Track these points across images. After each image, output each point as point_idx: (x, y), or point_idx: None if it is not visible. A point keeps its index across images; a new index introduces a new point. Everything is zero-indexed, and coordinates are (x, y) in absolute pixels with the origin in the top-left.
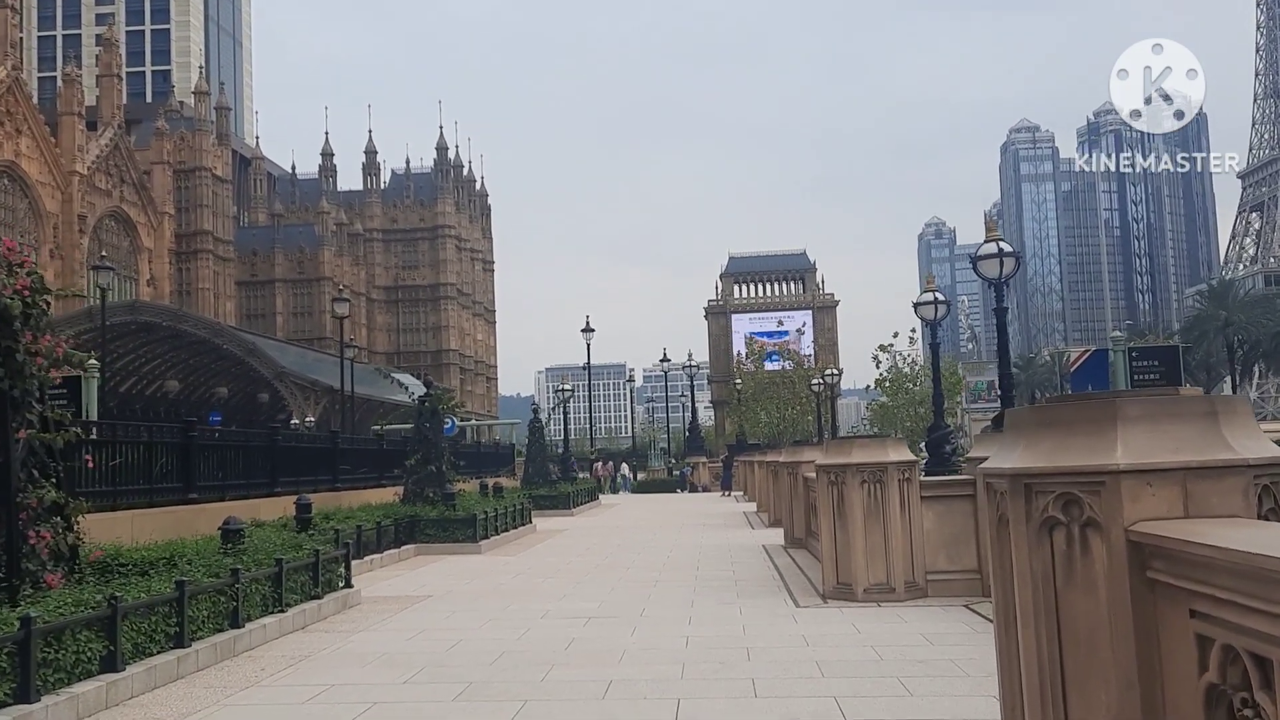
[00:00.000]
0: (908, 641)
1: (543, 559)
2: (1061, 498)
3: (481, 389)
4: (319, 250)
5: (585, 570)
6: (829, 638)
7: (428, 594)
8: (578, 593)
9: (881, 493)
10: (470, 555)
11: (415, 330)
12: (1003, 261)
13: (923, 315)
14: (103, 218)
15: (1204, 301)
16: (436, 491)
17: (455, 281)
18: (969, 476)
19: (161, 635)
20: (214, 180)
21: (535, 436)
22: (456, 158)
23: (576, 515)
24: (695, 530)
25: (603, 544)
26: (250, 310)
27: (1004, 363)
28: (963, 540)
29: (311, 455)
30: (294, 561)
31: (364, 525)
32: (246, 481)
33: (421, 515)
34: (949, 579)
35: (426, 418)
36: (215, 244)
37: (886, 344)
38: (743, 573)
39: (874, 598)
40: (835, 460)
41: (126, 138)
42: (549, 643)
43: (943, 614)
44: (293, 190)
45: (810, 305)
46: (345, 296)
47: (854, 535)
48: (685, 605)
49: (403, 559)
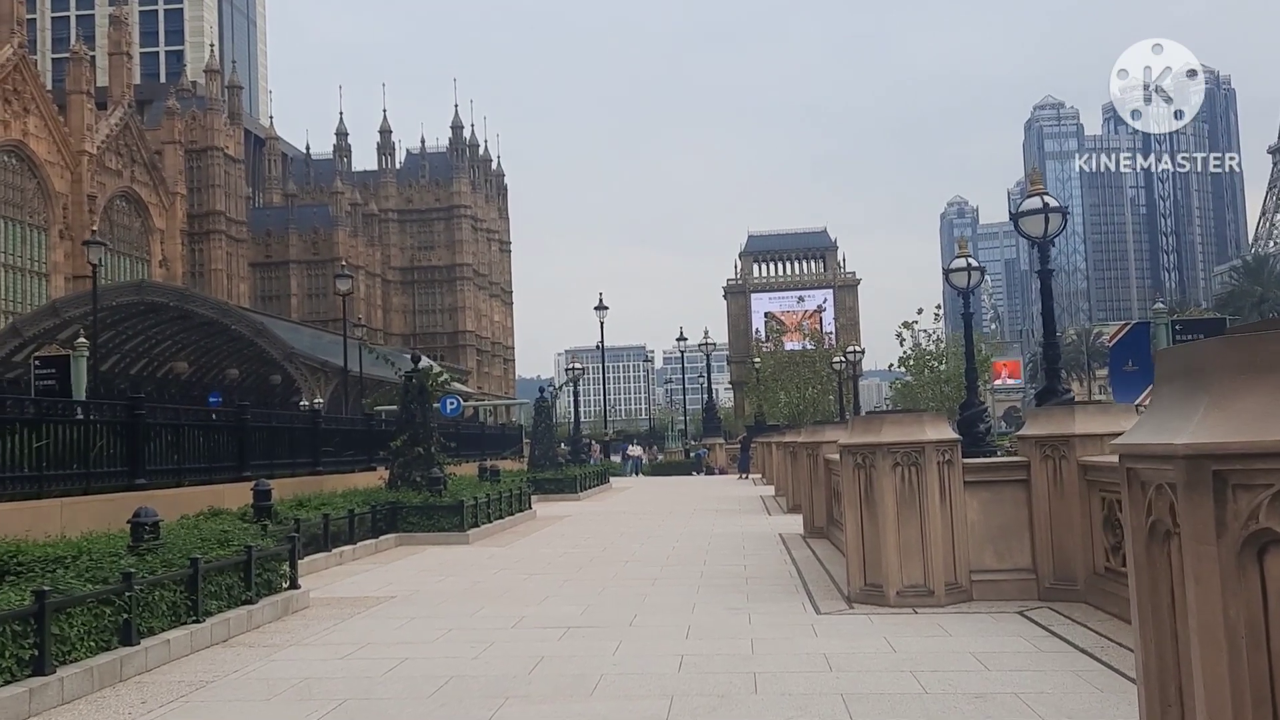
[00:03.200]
0: (956, 665)
1: (535, 550)
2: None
3: (499, 371)
4: (333, 231)
5: (578, 564)
6: (857, 658)
7: (391, 594)
8: (562, 593)
9: (918, 477)
10: (456, 546)
11: (431, 312)
12: (1048, 218)
13: (955, 283)
14: (113, 198)
15: (1239, 277)
16: (423, 476)
17: (471, 262)
18: (1021, 458)
19: (11, 661)
20: (226, 160)
21: (542, 417)
22: (472, 137)
23: (583, 500)
24: (707, 517)
25: (604, 532)
26: (265, 292)
27: (1049, 330)
28: (1013, 533)
29: (290, 436)
30: (217, 561)
31: (332, 514)
32: (209, 465)
33: (404, 502)
34: (997, 579)
35: (413, 396)
36: (228, 224)
37: (911, 320)
38: (755, 568)
39: (909, 602)
40: (862, 439)
41: (137, 117)
42: (511, 663)
43: (993, 624)
44: (307, 170)
45: (831, 284)
46: (348, 273)
47: (885, 528)
48: (685, 611)
49: (380, 551)
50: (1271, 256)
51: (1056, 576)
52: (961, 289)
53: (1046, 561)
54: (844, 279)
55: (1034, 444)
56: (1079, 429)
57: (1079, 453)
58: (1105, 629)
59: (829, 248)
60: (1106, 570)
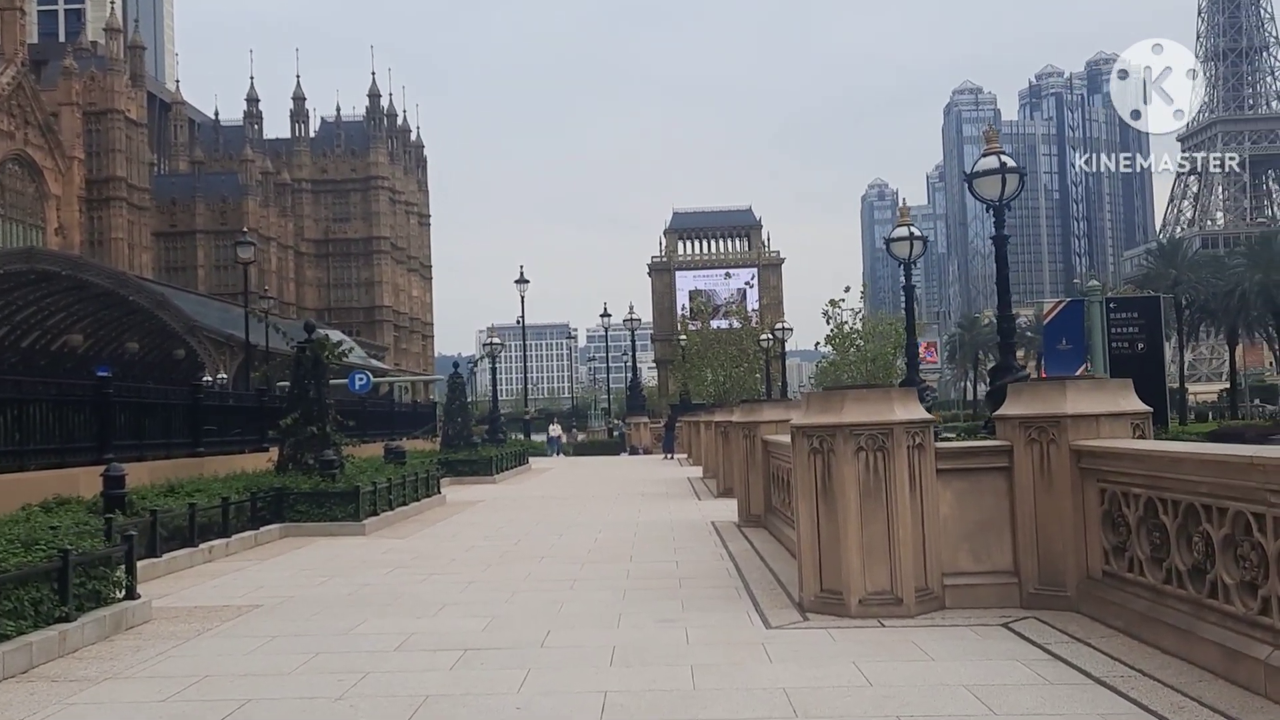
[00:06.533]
0: (953, 707)
1: (438, 543)
2: None
3: (418, 347)
4: (243, 200)
5: (487, 561)
6: (826, 697)
7: (256, 603)
8: (464, 600)
9: (885, 464)
10: (349, 539)
11: (347, 285)
12: (1005, 178)
13: (897, 253)
14: (4, 161)
15: (1153, 260)
16: (316, 458)
17: (389, 235)
18: (1003, 442)
19: None
20: (128, 124)
21: (455, 394)
22: (390, 106)
23: (499, 483)
24: (633, 502)
25: (520, 521)
26: (169, 263)
27: (1004, 303)
28: (993, 530)
29: (165, 412)
30: (17, 569)
31: (202, 503)
32: (62, 446)
33: (291, 488)
34: (974, 584)
35: (307, 369)
36: (130, 191)
37: (838, 299)
38: (689, 565)
39: (873, 612)
40: (820, 420)
41: (31, 77)
42: (383, 707)
43: (978, 643)
44: (216, 137)
45: (756, 263)
46: (250, 240)
47: (846, 524)
48: (609, 624)
49: (260, 544)
50: (1184, 240)
51: (1042, 580)
52: (903, 259)
53: (1031, 563)
54: (769, 258)
55: (1018, 425)
56: (1071, 408)
57: (1071, 436)
58: (1117, 650)
59: (754, 226)
60: (1106, 575)
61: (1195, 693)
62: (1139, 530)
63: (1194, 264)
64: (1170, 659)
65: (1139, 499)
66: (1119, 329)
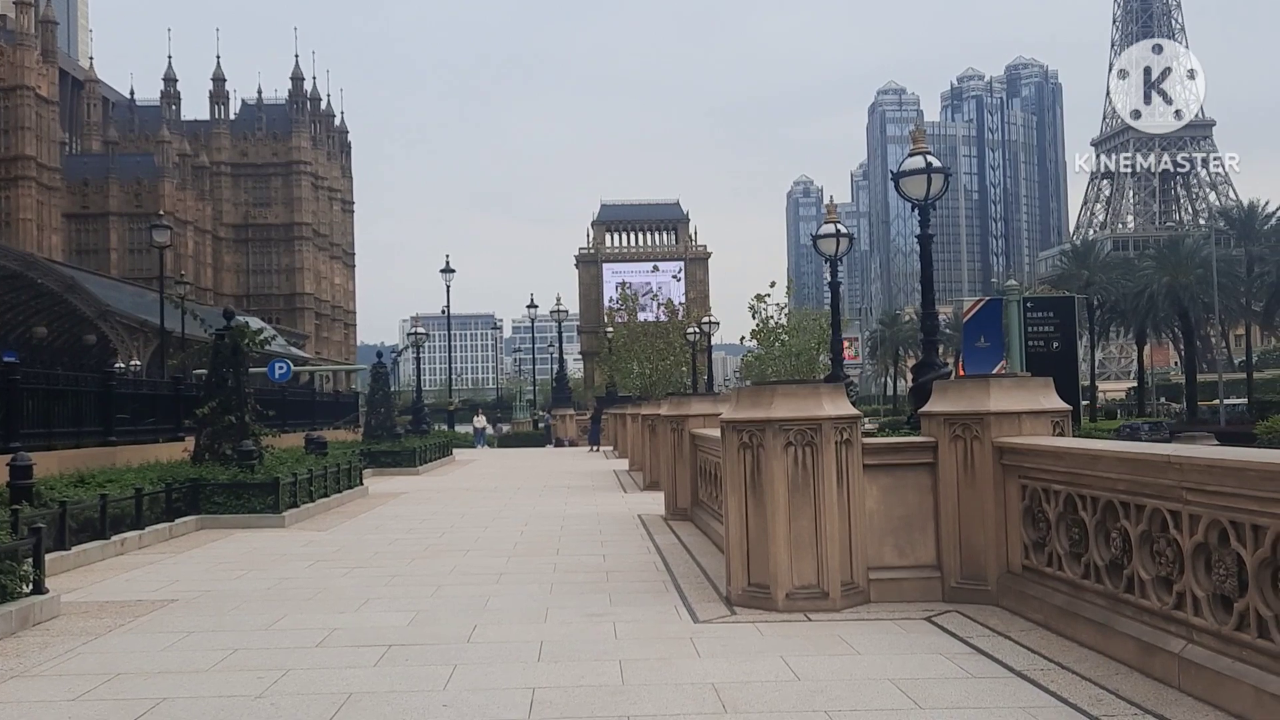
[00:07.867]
0: (879, 700)
1: (361, 536)
2: None
3: (339, 336)
4: (159, 182)
5: (410, 554)
6: (755, 691)
7: (171, 597)
8: (387, 594)
9: (814, 459)
10: (268, 531)
11: (267, 272)
12: (930, 178)
13: (823, 250)
14: None
15: (1067, 261)
16: (234, 448)
17: (311, 221)
18: (928, 438)
19: None
20: (38, 101)
21: (379, 384)
22: (314, 90)
23: (423, 475)
24: (559, 494)
25: (445, 513)
26: (81, 245)
27: (928, 300)
28: (917, 525)
29: (75, 400)
30: None
31: (114, 494)
32: None
33: (208, 478)
34: (898, 578)
35: (225, 356)
36: (39, 170)
37: (763, 294)
38: (617, 559)
39: (800, 606)
40: (750, 414)
41: None
42: (306, 705)
43: (903, 636)
44: (131, 117)
45: (683, 256)
46: (166, 224)
47: (774, 519)
48: (536, 618)
49: (175, 537)
50: (1097, 242)
51: (964, 575)
52: (830, 256)
53: (953, 558)
54: (695, 251)
55: (942, 422)
56: (995, 406)
57: (994, 433)
58: (1035, 643)
59: (681, 220)
60: (1026, 569)
61: (1112, 685)
62: (1059, 526)
63: (1106, 265)
64: (1088, 652)
65: (1059, 495)
66: (1035, 327)
